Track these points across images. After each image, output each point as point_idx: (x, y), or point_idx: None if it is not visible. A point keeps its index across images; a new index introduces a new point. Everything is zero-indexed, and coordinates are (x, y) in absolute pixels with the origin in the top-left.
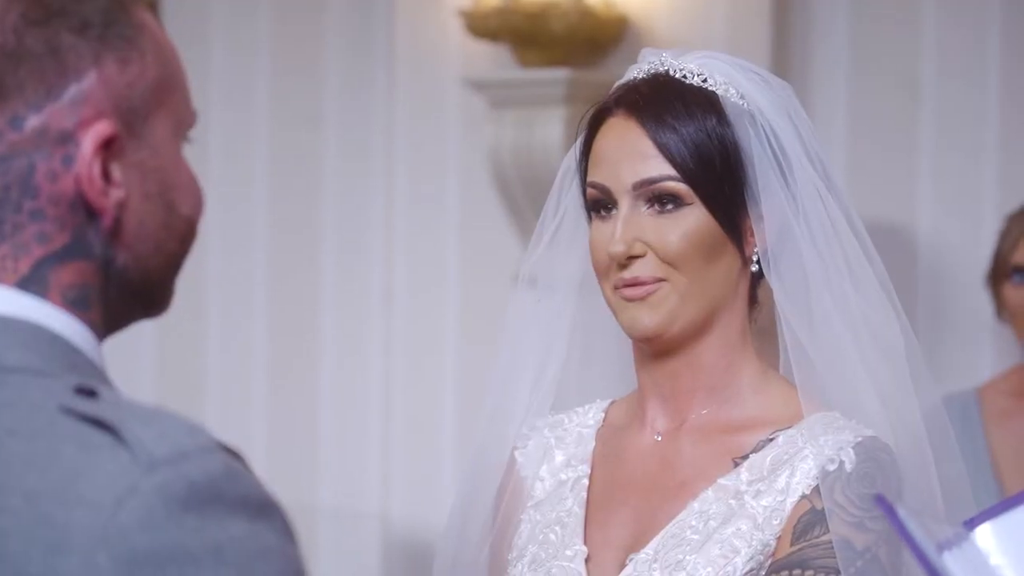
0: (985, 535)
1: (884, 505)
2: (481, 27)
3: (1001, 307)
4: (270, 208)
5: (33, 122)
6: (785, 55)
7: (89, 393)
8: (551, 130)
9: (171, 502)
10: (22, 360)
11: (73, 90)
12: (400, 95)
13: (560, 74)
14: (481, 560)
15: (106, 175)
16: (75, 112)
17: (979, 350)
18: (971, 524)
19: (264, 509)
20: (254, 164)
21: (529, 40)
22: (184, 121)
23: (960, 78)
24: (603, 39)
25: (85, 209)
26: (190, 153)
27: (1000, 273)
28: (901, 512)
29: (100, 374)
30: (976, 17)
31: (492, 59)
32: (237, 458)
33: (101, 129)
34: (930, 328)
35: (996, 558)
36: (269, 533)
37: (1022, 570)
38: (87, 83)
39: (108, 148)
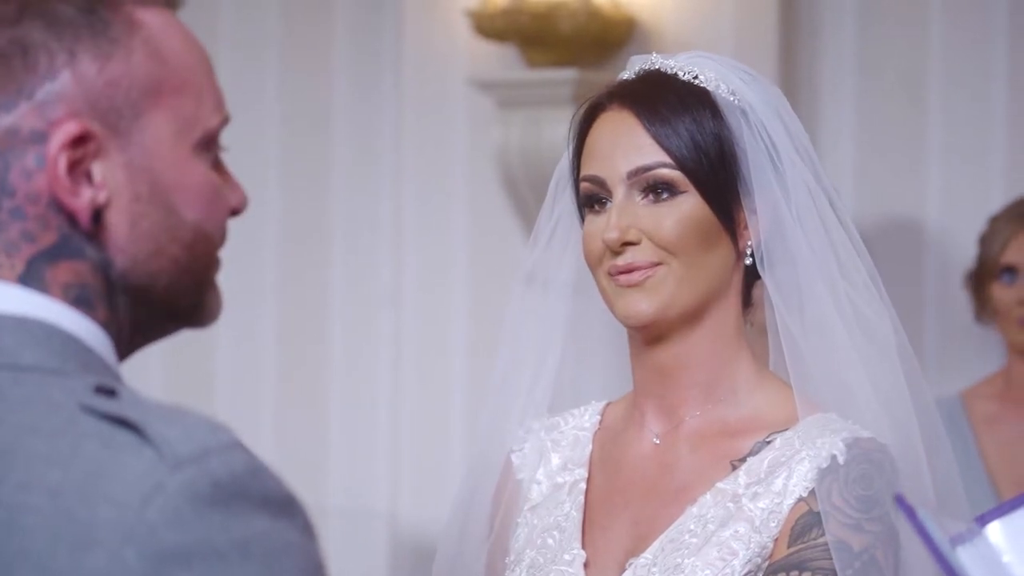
0: (996, 532)
1: (904, 505)
2: (489, 27)
3: (983, 308)
4: (278, 209)
5: (5, 121)
6: (792, 57)
7: (109, 392)
8: (559, 130)
9: (197, 499)
10: (37, 359)
11: (46, 89)
12: (408, 96)
13: (568, 74)
14: (479, 562)
15: (88, 175)
16: (48, 111)
17: (987, 348)
18: (983, 520)
19: (286, 506)
20: (262, 165)
21: (537, 40)
22: (195, 123)
23: (967, 79)
24: (611, 40)
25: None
26: None
27: (987, 274)
28: (921, 512)
29: (114, 374)
30: (983, 19)
31: (500, 59)
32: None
33: (68, 129)
34: (938, 327)
35: (1007, 555)
36: (292, 529)
37: None
38: (60, 83)
39: (82, 147)
